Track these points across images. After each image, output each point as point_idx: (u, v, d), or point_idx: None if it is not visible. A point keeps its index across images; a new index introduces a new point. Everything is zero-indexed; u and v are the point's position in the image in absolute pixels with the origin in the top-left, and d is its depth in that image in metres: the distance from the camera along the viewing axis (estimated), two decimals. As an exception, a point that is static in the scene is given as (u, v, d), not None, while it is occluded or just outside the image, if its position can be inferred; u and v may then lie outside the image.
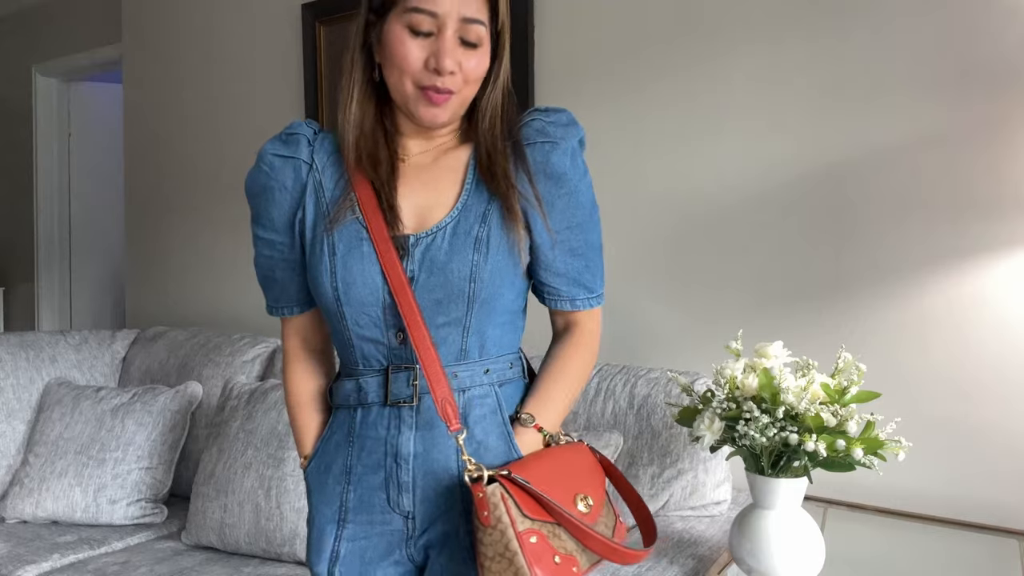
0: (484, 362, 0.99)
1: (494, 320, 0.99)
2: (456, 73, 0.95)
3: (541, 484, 0.89)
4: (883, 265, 1.66)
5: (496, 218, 0.97)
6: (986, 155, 1.56)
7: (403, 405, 0.97)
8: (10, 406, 2.32)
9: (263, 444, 1.88)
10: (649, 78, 1.94)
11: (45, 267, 4.20)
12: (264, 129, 2.75)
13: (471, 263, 0.95)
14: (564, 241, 1.00)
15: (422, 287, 0.95)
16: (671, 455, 1.63)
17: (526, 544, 0.85)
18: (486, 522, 0.86)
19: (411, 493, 0.97)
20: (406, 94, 0.96)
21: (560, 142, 0.99)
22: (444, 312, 0.96)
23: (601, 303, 1.07)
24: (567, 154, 0.99)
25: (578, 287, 1.03)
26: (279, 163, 1.02)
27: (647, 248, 1.96)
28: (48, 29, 4.12)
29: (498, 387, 1.00)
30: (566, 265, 1.02)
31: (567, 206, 0.99)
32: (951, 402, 1.59)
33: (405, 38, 0.94)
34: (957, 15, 1.58)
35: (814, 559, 1.26)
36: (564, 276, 1.02)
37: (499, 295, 0.97)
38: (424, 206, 0.99)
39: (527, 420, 0.99)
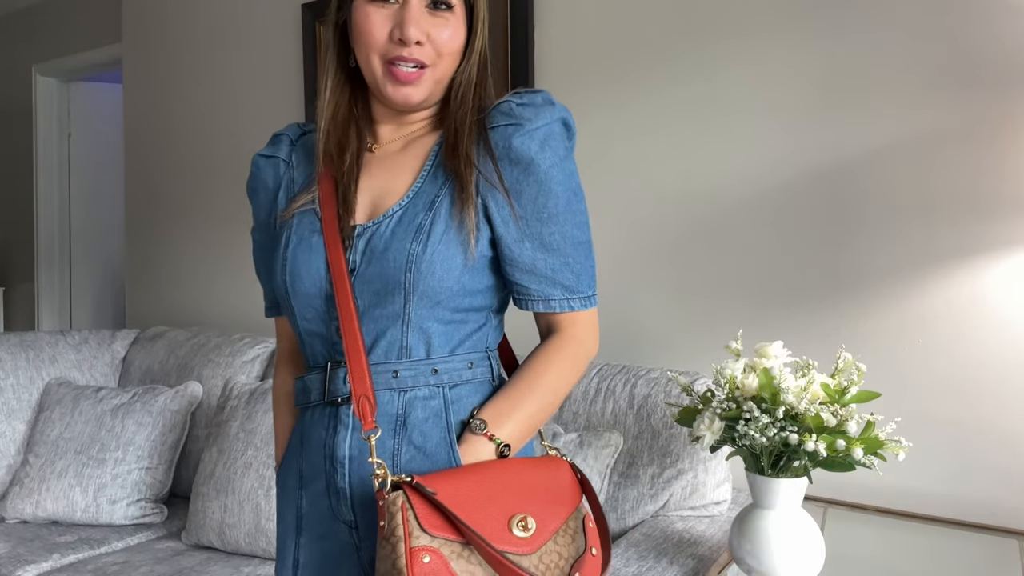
0: (432, 361, 0.90)
1: (440, 316, 0.90)
2: (424, 44, 0.89)
3: (463, 498, 0.79)
4: (883, 265, 1.66)
5: (445, 204, 0.89)
6: (986, 155, 1.56)
7: (340, 404, 0.91)
8: (10, 406, 2.32)
9: (263, 444, 1.88)
10: (649, 78, 1.94)
11: (45, 267, 4.20)
12: (264, 129, 2.75)
13: (407, 252, 0.87)
14: (534, 234, 0.90)
15: (361, 278, 0.89)
16: (671, 455, 1.63)
17: (416, 563, 0.74)
18: (381, 533, 0.78)
19: (348, 500, 0.90)
20: (375, 73, 0.91)
21: (525, 123, 0.89)
22: (382, 304, 0.89)
23: (588, 306, 0.94)
24: (533, 137, 0.89)
25: (553, 286, 0.92)
26: (263, 163, 1.02)
27: (647, 248, 1.96)
28: (48, 29, 4.12)
29: (449, 389, 0.91)
30: (535, 261, 0.91)
31: (537, 195, 0.89)
32: (951, 402, 1.59)
33: (369, 10, 0.89)
34: (957, 15, 1.58)
35: (814, 559, 1.26)
36: (533, 273, 0.91)
37: (442, 288, 0.88)
38: (378, 195, 0.93)
39: (477, 427, 0.89)
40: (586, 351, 0.96)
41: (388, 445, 0.89)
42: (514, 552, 0.78)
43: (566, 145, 0.92)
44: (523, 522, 0.81)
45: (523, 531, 0.80)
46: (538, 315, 0.96)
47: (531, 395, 0.92)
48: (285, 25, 2.68)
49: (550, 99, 0.92)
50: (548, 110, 0.90)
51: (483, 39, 0.95)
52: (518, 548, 0.79)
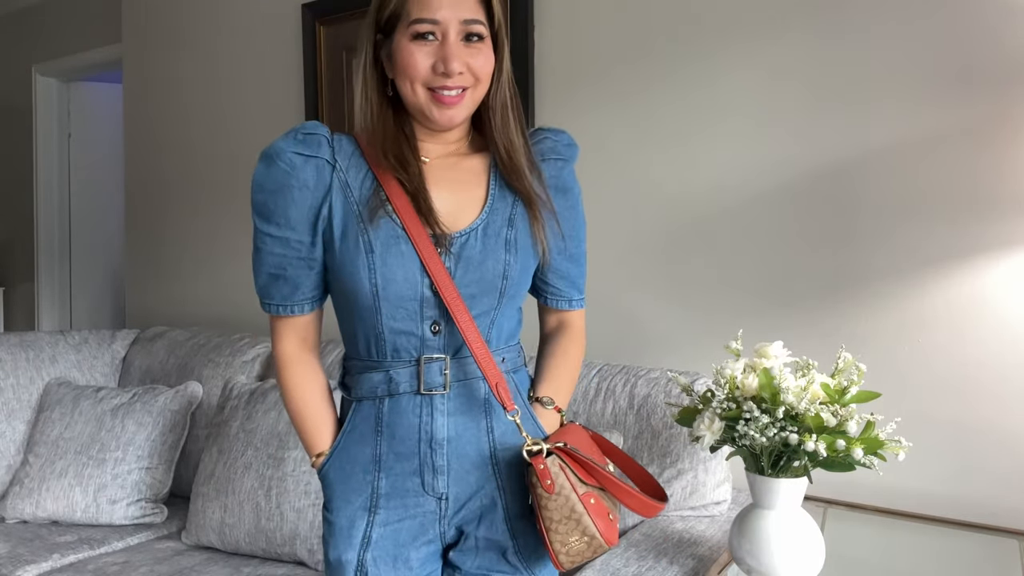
0: (501, 351, 1.08)
1: (510, 314, 1.09)
2: (464, 72, 1.02)
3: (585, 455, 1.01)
4: (883, 265, 1.66)
5: (522, 221, 1.07)
6: (985, 155, 1.56)
7: (435, 393, 1.04)
8: (10, 406, 2.32)
9: (263, 444, 1.88)
10: (649, 78, 1.94)
11: (45, 267, 4.20)
12: (264, 129, 2.76)
13: (504, 262, 1.04)
14: (569, 249, 1.14)
15: (458, 283, 1.03)
16: (671, 455, 1.63)
17: (588, 505, 0.98)
18: (550, 490, 0.98)
19: (446, 476, 1.05)
20: (419, 101, 1.03)
21: (569, 161, 1.13)
22: (476, 306, 1.04)
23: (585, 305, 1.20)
24: (572, 172, 1.14)
25: (574, 288, 1.17)
26: (300, 161, 1.02)
27: (647, 248, 1.96)
28: (48, 29, 4.12)
29: (513, 373, 1.10)
30: (569, 269, 1.14)
31: (571, 217, 1.13)
32: (951, 402, 1.59)
33: (412, 49, 1.01)
34: (956, 15, 1.58)
35: (814, 559, 1.26)
36: (566, 279, 1.15)
37: (521, 291, 1.09)
38: (454, 207, 1.05)
39: (548, 403, 1.10)
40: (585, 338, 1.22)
41: (482, 425, 1.06)
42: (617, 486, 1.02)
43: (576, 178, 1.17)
44: (609, 463, 1.08)
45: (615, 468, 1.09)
46: (549, 310, 1.18)
47: (567, 374, 1.15)
48: (285, 25, 2.68)
49: (573, 140, 1.16)
50: (575, 150, 1.15)
51: (508, 62, 1.09)
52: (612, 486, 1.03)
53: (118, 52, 3.39)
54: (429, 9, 0.99)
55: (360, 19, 2.47)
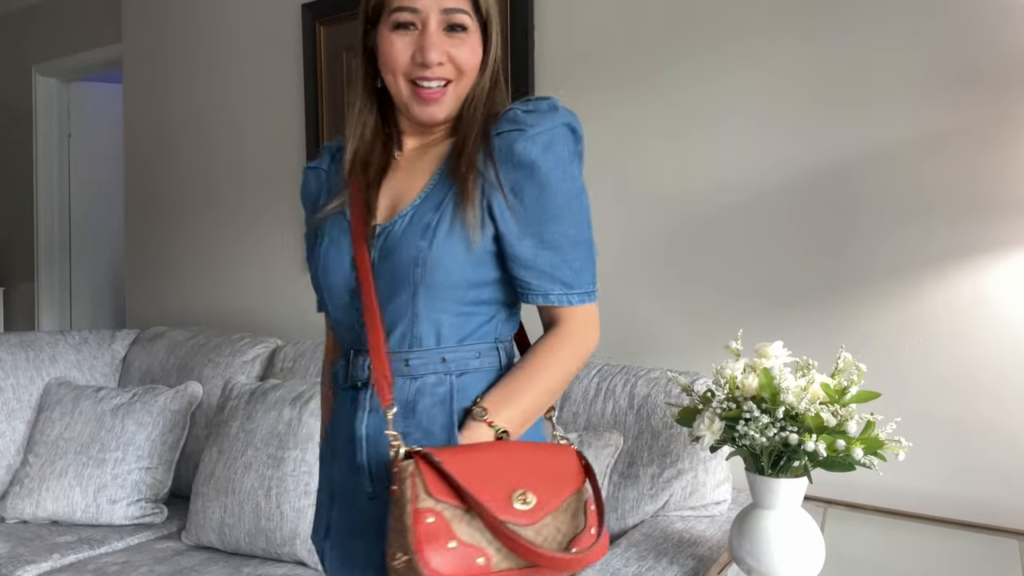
0: (441, 350, 0.99)
1: (448, 308, 0.98)
2: (445, 64, 0.98)
3: (468, 470, 0.86)
4: (883, 265, 1.66)
5: (451, 205, 0.97)
6: (986, 155, 1.56)
7: (360, 388, 1.00)
8: (10, 406, 2.32)
9: (263, 444, 1.88)
10: (649, 78, 1.94)
11: (45, 267, 4.20)
12: (264, 128, 2.76)
13: (416, 248, 0.96)
14: (535, 233, 0.96)
15: (378, 273, 0.98)
16: (671, 455, 1.63)
17: (420, 522, 0.82)
18: (394, 495, 0.86)
19: (368, 474, 0.99)
20: (401, 94, 1.00)
21: (528, 129, 0.96)
22: (395, 297, 0.98)
23: (586, 301, 1.00)
24: (535, 142, 0.95)
25: (552, 281, 0.98)
26: (309, 175, 1.15)
27: (647, 248, 1.96)
28: (48, 29, 4.12)
29: (456, 376, 0.99)
30: (536, 257, 0.97)
31: (538, 196, 0.96)
32: (951, 402, 1.59)
33: (393, 39, 0.98)
34: (956, 15, 1.58)
35: (814, 559, 1.26)
36: (533, 269, 0.98)
37: (447, 281, 0.96)
38: (396, 197, 1.03)
39: (478, 413, 0.96)
40: (585, 344, 1.01)
41: (399, 427, 0.96)
42: (513, 522, 0.85)
43: (571, 149, 0.97)
44: (523, 496, 0.87)
45: (523, 504, 0.87)
46: (540, 309, 1.02)
47: (530, 384, 0.99)
48: (285, 25, 2.68)
49: (555, 105, 0.97)
50: (551, 116, 0.96)
51: (496, 54, 1.04)
52: (517, 519, 0.85)
53: (118, 52, 3.39)
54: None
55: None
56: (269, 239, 2.74)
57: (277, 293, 2.73)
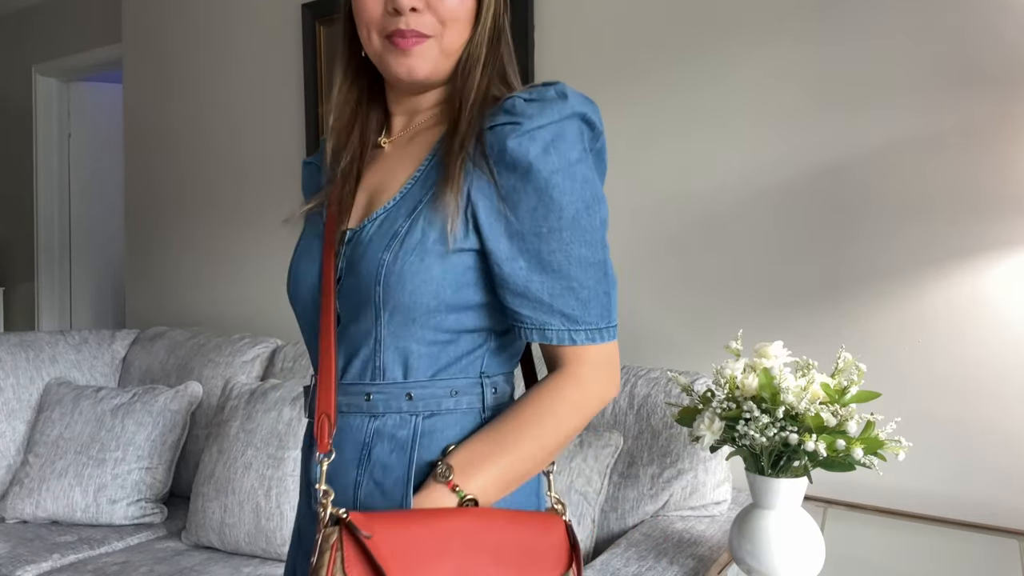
0: (407, 385, 0.79)
1: (420, 335, 0.78)
2: (422, 11, 0.80)
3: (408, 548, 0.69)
4: (883, 265, 1.66)
5: (427, 207, 0.79)
6: (986, 155, 1.56)
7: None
8: (10, 406, 2.32)
9: (263, 444, 1.88)
10: (649, 79, 1.94)
11: (45, 267, 4.20)
12: (264, 128, 2.76)
13: (377, 262, 0.77)
14: (531, 251, 0.76)
15: (342, 289, 0.81)
16: (671, 455, 1.63)
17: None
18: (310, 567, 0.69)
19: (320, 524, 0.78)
20: (377, 51, 0.83)
21: (526, 122, 0.76)
22: (357, 319, 0.80)
23: (598, 340, 0.78)
24: (535, 138, 0.75)
25: (549, 313, 0.77)
26: (305, 170, 1.01)
27: (647, 248, 1.96)
28: (48, 29, 4.12)
29: (423, 418, 0.79)
30: (529, 283, 0.76)
31: (536, 206, 0.76)
32: (951, 402, 1.59)
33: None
34: (957, 15, 1.58)
35: (814, 559, 1.26)
36: (525, 297, 0.77)
37: (415, 304, 0.77)
38: (374, 194, 0.85)
39: (441, 473, 0.75)
40: (594, 395, 0.80)
41: (351, 476, 0.80)
42: None
43: (582, 147, 0.79)
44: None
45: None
46: (542, 348, 0.82)
47: (515, 444, 0.77)
48: (285, 25, 2.68)
49: (564, 91, 0.78)
50: (557, 106, 0.77)
51: (496, 8, 0.86)
52: None
53: (118, 52, 3.39)
54: None
55: (360, 19, 2.47)
56: (269, 239, 2.74)
57: (277, 293, 2.73)
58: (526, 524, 0.76)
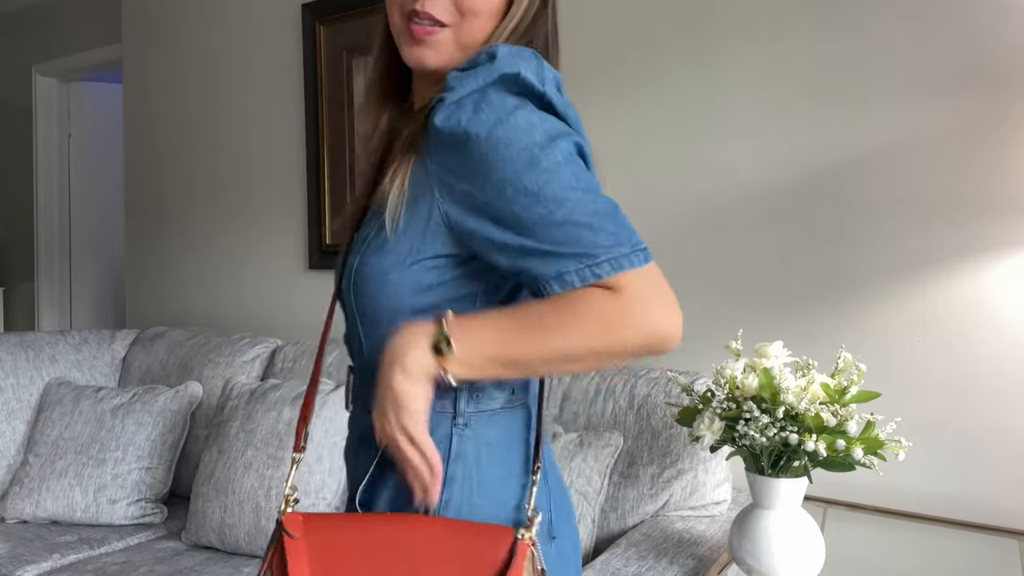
0: None
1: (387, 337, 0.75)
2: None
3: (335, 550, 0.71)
4: (883, 265, 1.66)
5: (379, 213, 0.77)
6: (986, 155, 1.56)
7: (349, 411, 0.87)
8: (10, 406, 2.32)
9: (263, 444, 1.88)
10: (649, 78, 1.94)
11: (45, 267, 4.20)
12: (264, 129, 2.76)
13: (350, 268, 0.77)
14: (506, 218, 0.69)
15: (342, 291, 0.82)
16: (671, 455, 1.63)
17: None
18: None
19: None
20: (396, 32, 0.80)
21: (449, 95, 0.71)
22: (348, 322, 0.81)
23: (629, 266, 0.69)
24: (462, 108, 0.70)
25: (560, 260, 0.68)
26: None
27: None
28: (48, 29, 4.12)
29: None
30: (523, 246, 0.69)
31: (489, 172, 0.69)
32: (951, 402, 1.59)
33: None
34: (956, 15, 1.58)
35: (814, 559, 1.26)
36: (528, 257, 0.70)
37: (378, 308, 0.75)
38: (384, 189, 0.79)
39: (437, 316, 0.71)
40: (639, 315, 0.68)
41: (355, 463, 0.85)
42: None
43: (514, 101, 0.71)
44: None
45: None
46: None
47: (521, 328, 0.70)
48: (285, 25, 2.68)
49: (494, 52, 0.72)
50: (483, 70, 0.71)
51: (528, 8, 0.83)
52: None
53: (118, 52, 3.39)
54: None
55: (360, 19, 2.47)
56: (269, 239, 2.74)
57: (277, 293, 2.73)
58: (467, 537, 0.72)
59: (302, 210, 2.64)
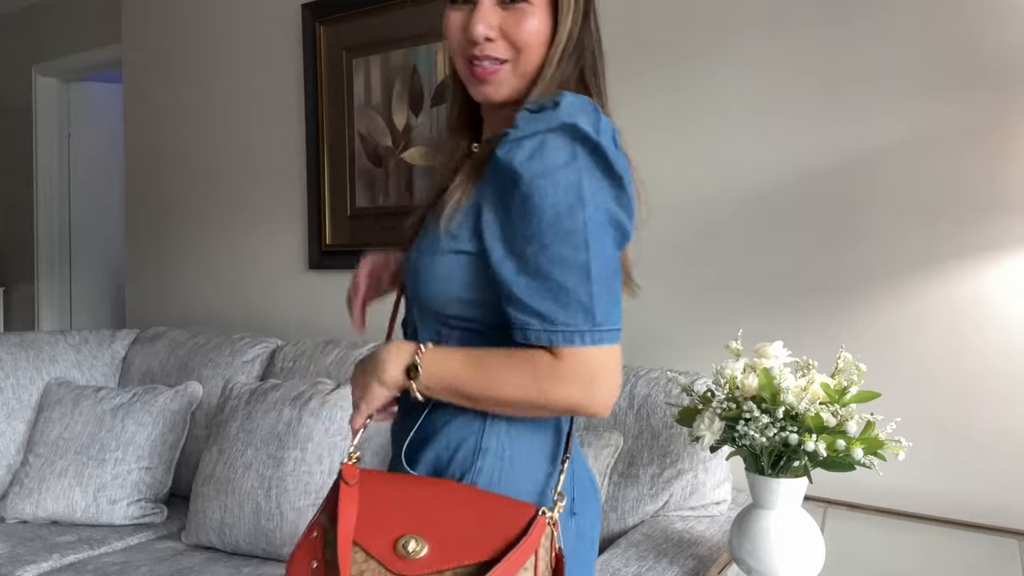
0: None
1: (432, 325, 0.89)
2: (495, 39, 0.86)
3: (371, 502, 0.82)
4: (883, 265, 1.66)
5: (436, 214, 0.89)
6: (987, 155, 1.56)
7: None
8: (10, 406, 2.32)
9: (263, 444, 1.88)
10: (649, 79, 1.94)
11: (45, 267, 4.20)
12: (264, 129, 2.76)
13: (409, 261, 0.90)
14: (517, 253, 0.79)
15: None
16: (671, 455, 1.63)
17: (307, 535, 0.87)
18: None
19: None
20: (463, 75, 0.91)
21: (514, 132, 0.81)
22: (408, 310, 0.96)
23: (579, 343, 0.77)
24: (521, 147, 0.79)
25: (530, 313, 0.79)
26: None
27: (647, 248, 1.95)
28: (48, 29, 4.12)
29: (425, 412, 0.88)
30: (515, 284, 0.79)
31: (522, 211, 0.79)
32: (951, 402, 1.59)
33: (448, 12, 0.90)
34: (957, 15, 1.58)
35: (814, 559, 1.26)
36: (512, 298, 0.80)
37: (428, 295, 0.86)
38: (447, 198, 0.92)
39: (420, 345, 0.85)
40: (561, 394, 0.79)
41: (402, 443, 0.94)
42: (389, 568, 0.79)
43: (569, 152, 0.79)
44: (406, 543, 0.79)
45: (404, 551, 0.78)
46: None
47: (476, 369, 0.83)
48: (285, 25, 2.68)
49: (558, 101, 0.82)
50: (547, 115, 0.81)
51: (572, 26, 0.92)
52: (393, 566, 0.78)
53: (118, 52, 3.39)
54: None
55: (360, 19, 2.47)
56: (269, 239, 2.74)
57: (277, 293, 2.73)
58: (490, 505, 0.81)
59: (302, 210, 2.64)
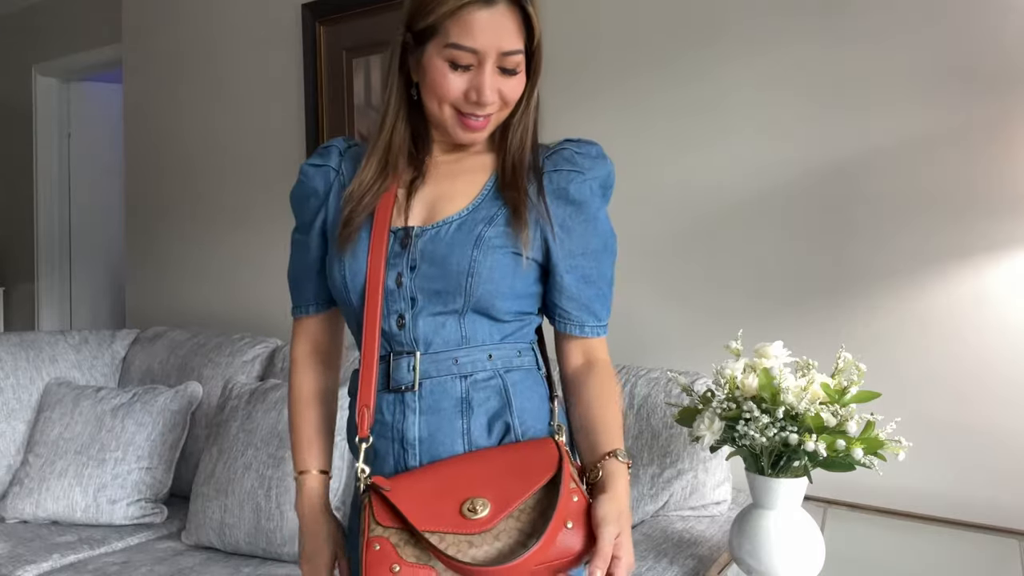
0: (487, 347, 1.02)
1: (495, 313, 1.01)
2: (495, 101, 0.99)
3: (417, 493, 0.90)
4: (883, 265, 1.66)
5: (502, 221, 1.01)
6: (986, 155, 1.56)
7: (405, 391, 1.00)
8: (10, 406, 2.32)
9: (263, 444, 1.88)
10: (650, 80, 1.94)
11: (45, 267, 4.20)
12: (264, 129, 2.76)
13: (469, 258, 0.98)
14: (579, 267, 1.04)
15: (422, 276, 1.00)
16: (671, 455, 1.63)
17: (369, 550, 0.88)
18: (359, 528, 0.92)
19: None
20: (444, 118, 1.00)
21: (585, 172, 1.04)
22: (442, 302, 1.00)
23: (606, 333, 1.09)
24: (587, 184, 1.03)
25: (588, 314, 1.06)
26: (312, 172, 1.11)
27: (647, 248, 1.96)
28: (48, 29, 4.12)
29: (504, 373, 1.02)
30: (578, 290, 1.04)
31: (585, 232, 1.03)
32: (951, 402, 1.59)
33: (446, 71, 0.97)
34: (956, 15, 1.58)
35: (814, 559, 1.26)
36: (576, 300, 1.05)
37: (497, 292, 1.00)
38: (435, 201, 1.04)
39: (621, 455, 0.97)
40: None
41: (457, 425, 0.99)
42: (464, 533, 0.87)
43: (605, 195, 1.06)
44: (473, 505, 0.89)
45: (472, 513, 0.88)
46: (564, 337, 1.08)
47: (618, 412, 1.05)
48: (285, 25, 2.68)
49: (602, 152, 1.06)
50: (601, 163, 1.06)
51: (537, 88, 1.05)
52: (469, 528, 0.87)
53: (118, 52, 3.39)
54: (471, 36, 0.94)
55: (360, 19, 2.47)
56: (269, 239, 2.74)
57: (277, 293, 2.73)
58: (519, 450, 0.97)
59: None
